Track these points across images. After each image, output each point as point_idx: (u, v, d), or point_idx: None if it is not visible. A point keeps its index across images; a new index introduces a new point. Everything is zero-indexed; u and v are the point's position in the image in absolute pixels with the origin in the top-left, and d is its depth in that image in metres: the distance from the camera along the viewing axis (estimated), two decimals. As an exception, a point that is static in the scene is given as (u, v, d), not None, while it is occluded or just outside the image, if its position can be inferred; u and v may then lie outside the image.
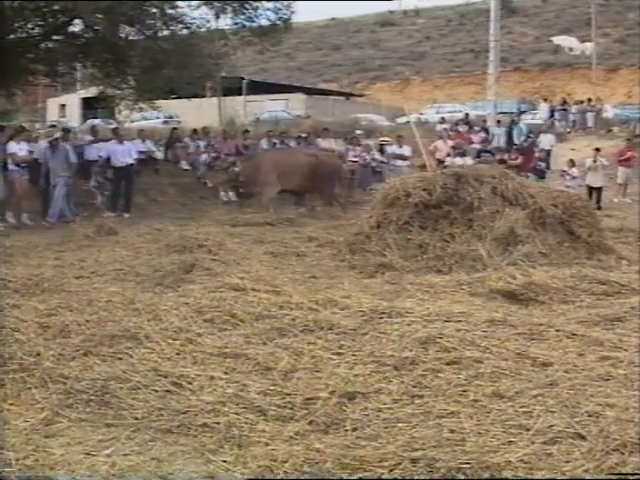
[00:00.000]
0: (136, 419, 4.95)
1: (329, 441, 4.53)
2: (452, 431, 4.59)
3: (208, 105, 37.65)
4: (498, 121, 27.71)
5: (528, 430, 4.56)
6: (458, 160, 18.83)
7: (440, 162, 19.90)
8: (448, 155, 20.87)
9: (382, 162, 20.58)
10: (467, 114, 33.17)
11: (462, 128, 27.73)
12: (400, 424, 4.75)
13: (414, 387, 5.36)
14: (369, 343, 6.35)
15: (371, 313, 7.20)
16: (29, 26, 19.79)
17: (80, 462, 4.39)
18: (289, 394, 5.20)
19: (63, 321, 6.97)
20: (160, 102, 24.12)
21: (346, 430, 4.69)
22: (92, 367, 5.85)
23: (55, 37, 20.57)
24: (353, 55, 74.37)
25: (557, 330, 6.67)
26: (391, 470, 4.17)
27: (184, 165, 21.69)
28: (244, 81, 43.48)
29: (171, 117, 39.58)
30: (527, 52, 62.43)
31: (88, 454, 4.51)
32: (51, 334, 6.68)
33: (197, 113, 35.24)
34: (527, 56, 61.79)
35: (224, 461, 4.37)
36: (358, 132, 23.75)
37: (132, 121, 26.18)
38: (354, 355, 6.03)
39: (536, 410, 4.84)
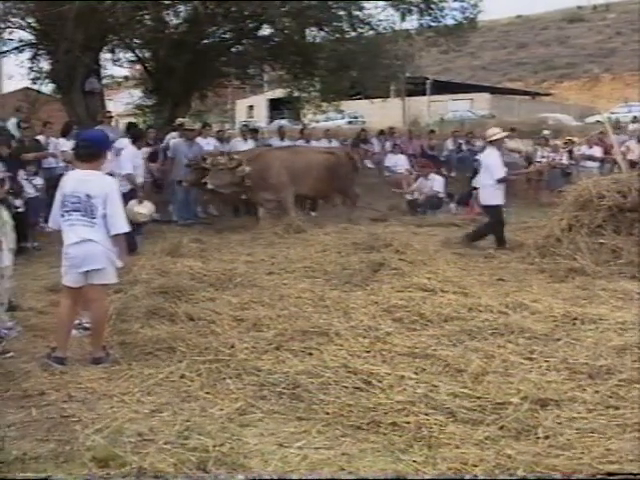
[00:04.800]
0: (327, 414, 5.04)
1: (520, 447, 4.45)
2: (651, 445, 4.40)
3: (391, 105, 37.77)
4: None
5: None
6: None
7: (634, 164, 19.03)
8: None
9: (571, 163, 19.94)
10: (662, 113, 31.60)
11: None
12: (595, 435, 4.61)
13: (610, 397, 5.19)
14: (562, 349, 6.20)
15: (563, 318, 7.05)
16: (221, 31, 20.55)
17: (273, 453, 4.52)
18: (479, 397, 5.15)
19: (256, 315, 7.23)
20: (345, 103, 24.42)
21: (538, 437, 4.60)
22: (284, 361, 6.02)
23: (245, 41, 21.23)
24: (539, 53, 72.79)
25: None
26: (586, 482, 4.05)
27: (369, 164, 21.84)
28: (428, 81, 43.31)
29: (355, 117, 39.98)
30: None
31: (280, 445, 4.64)
32: (245, 327, 6.95)
33: (381, 114, 35.42)
34: None
35: (414, 461, 4.37)
36: (546, 132, 23.07)
37: (317, 121, 26.64)
38: (546, 361, 5.90)
39: None
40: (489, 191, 11.57)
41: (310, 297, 7.91)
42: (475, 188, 16.92)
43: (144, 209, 11.99)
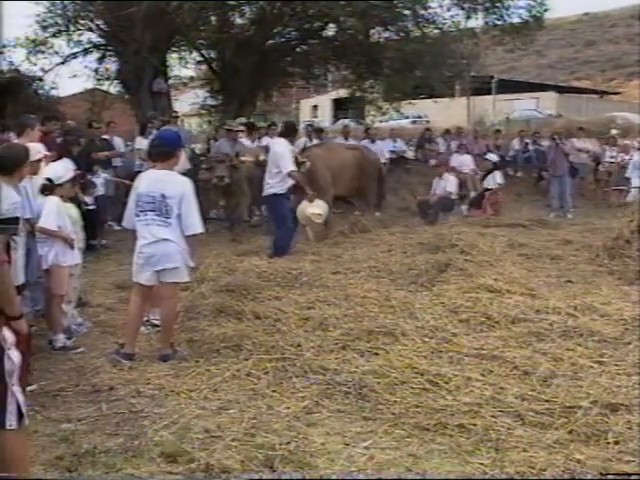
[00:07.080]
0: (393, 414, 5.03)
1: (590, 452, 4.39)
2: None
3: (456, 105, 37.48)
4: None
5: None
6: None
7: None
8: None
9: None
10: None
11: None
12: (668, 442, 4.50)
13: (683, 403, 5.06)
14: (632, 353, 6.09)
15: (633, 322, 6.91)
16: (286, 31, 20.67)
17: (339, 452, 4.53)
18: (548, 401, 5.09)
19: (322, 314, 7.23)
20: (409, 102, 24.31)
21: (608, 443, 4.52)
22: (350, 361, 6.02)
23: (311, 41, 21.31)
24: (608, 51, 71.53)
25: None
26: (657, 490, 3.98)
27: (433, 164, 21.72)
28: (493, 80, 42.84)
29: (419, 117, 39.78)
30: None
31: (346, 445, 4.65)
32: (311, 326, 6.96)
33: (445, 113, 35.19)
34: None
35: (481, 463, 4.34)
36: (614, 132, 22.63)
37: (380, 121, 26.58)
38: (616, 365, 5.80)
39: None
40: None
41: (376, 297, 7.86)
42: (487, 189, 16.59)
43: (318, 209, 11.12)
